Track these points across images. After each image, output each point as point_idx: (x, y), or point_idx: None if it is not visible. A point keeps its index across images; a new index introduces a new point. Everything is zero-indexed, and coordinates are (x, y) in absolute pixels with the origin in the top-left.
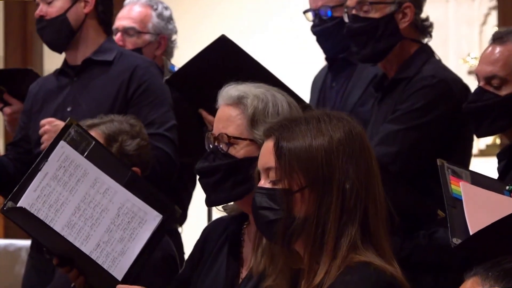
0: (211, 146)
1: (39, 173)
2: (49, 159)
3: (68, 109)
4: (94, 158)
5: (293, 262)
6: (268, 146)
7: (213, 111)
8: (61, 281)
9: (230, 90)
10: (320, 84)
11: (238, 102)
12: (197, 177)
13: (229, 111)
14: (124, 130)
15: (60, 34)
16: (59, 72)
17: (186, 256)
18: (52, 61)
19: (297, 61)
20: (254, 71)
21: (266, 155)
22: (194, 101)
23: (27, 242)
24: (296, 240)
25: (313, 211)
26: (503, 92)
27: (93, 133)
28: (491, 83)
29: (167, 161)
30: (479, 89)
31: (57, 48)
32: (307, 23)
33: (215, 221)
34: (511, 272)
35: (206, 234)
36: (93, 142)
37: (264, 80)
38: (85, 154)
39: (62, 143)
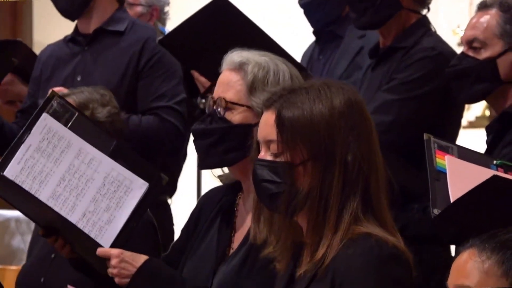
0: (209, 109)
1: (22, 145)
2: (32, 131)
3: (78, 79)
4: (78, 129)
5: (295, 235)
6: (269, 118)
7: (205, 73)
8: (40, 256)
9: (234, 56)
10: (308, 57)
11: (239, 68)
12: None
13: (230, 76)
14: (94, 98)
15: (74, 2)
16: (69, 40)
17: (175, 228)
18: (42, 32)
19: (294, 56)
20: (251, 34)
21: (267, 128)
22: (186, 63)
23: (15, 213)
24: (299, 212)
25: (316, 184)
26: (483, 56)
27: None
28: (472, 46)
29: (176, 134)
30: (461, 54)
31: (70, 16)
32: (304, 18)
33: (211, 191)
34: (507, 244)
35: (202, 204)
36: (76, 113)
37: (261, 43)
38: (69, 125)
39: (44, 115)
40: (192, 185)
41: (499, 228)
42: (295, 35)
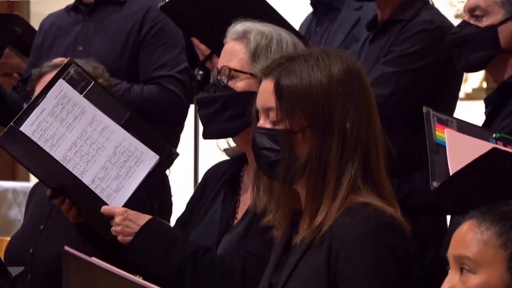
0: (213, 79)
1: (37, 108)
2: (47, 95)
3: (80, 48)
4: (93, 98)
5: (293, 202)
6: (267, 86)
7: (206, 41)
8: (28, 227)
9: (237, 26)
10: (305, 29)
11: (243, 36)
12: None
13: (234, 45)
14: (87, 70)
15: None
16: (71, 8)
17: (173, 199)
18: (39, 4)
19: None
20: (255, 4)
21: (266, 95)
22: (187, 30)
23: (13, 184)
24: (298, 180)
25: (314, 152)
26: (484, 23)
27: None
28: (474, 15)
29: (178, 103)
30: (463, 22)
31: None
32: (306, 6)
33: (217, 164)
34: (507, 215)
35: (207, 177)
36: (92, 82)
37: (264, 14)
38: (84, 93)
39: (60, 81)
40: (190, 156)
41: (499, 201)
42: (298, 23)
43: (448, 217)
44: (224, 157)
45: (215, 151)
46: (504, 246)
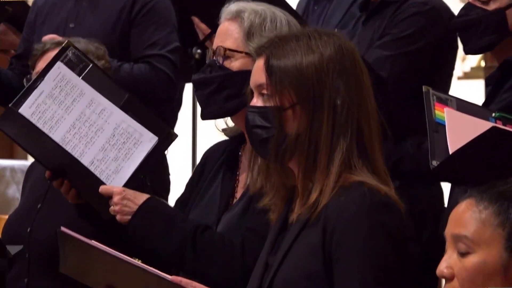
0: (209, 60)
1: (35, 90)
2: (46, 78)
3: (71, 25)
4: (91, 80)
5: (288, 180)
6: (259, 64)
7: (206, 20)
8: (26, 206)
9: (231, 6)
10: (303, 8)
11: (237, 16)
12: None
13: (228, 25)
14: (90, 50)
15: None
16: None
17: (172, 180)
18: None
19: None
20: None
21: (257, 73)
22: (188, 10)
23: (11, 162)
24: (289, 157)
25: (305, 128)
26: (492, 6)
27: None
28: None
29: (168, 82)
30: (467, 4)
31: None
32: None
33: (215, 144)
34: (505, 195)
35: (206, 157)
36: (91, 65)
37: None
38: (82, 75)
39: (59, 63)
40: (188, 133)
41: (497, 180)
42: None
43: (445, 194)
44: (223, 137)
45: (213, 131)
46: (502, 226)
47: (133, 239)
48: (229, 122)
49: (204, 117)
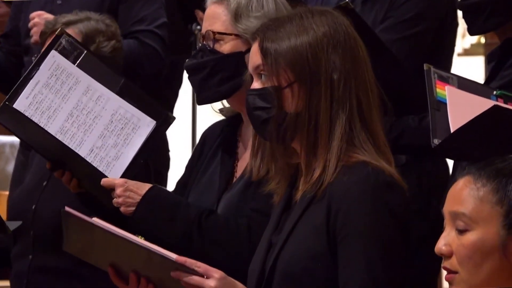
0: (200, 45)
1: (31, 81)
2: (41, 67)
3: (58, 2)
4: (86, 67)
5: (291, 158)
6: (254, 47)
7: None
8: (32, 184)
9: None
10: None
11: None
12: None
13: (215, 9)
14: (100, 30)
15: None
16: None
17: (172, 161)
18: None
19: None
20: None
21: (254, 56)
22: (191, 3)
23: (11, 138)
24: (291, 136)
25: (303, 105)
26: None
27: (70, 31)
28: None
29: (156, 58)
30: None
31: None
32: None
33: (213, 124)
34: (503, 172)
35: (204, 138)
36: (85, 51)
37: None
38: (77, 63)
39: (53, 52)
40: (188, 111)
41: (495, 157)
42: None
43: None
44: (222, 117)
45: (212, 111)
46: (500, 203)
47: (138, 230)
48: (225, 102)
49: (200, 102)
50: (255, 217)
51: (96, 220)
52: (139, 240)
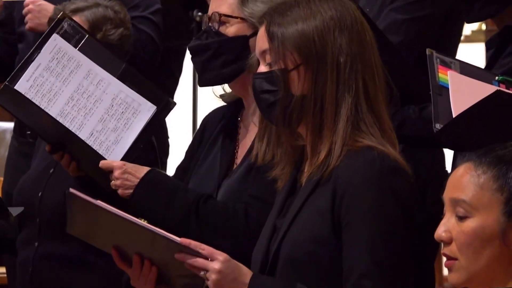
0: (205, 26)
1: (32, 63)
2: (42, 50)
3: None
4: (88, 51)
5: (297, 141)
6: (262, 31)
7: None
8: (39, 170)
9: None
10: None
11: None
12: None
13: None
14: (108, 17)
15: None
16: None
17: (173, 147)
18: None
19: None
20: None
21: (261, 40)
22: None
23: (11, 125)
24: (297, 120)
25: (309, 87)
26: None
27: (76, 18)
28: None
29: (151, 44)
30: None
31: None
32: None
33: (214, 110)
34: (504, 159)
35: (205, 123)
36: (86, 35)
37: None
38: (78, 47)
39: (54, 35)
40: (188, 98)
41: (496, 143)
42: None
43: (447, 160)
44: (223, 102)
45: (214, 97)
46: (500, 190)
47: (135, 213)
48: (226, 88)
49: (202, 83)
50: (254, 203)
51: (101, 203)
52: (144, 223)
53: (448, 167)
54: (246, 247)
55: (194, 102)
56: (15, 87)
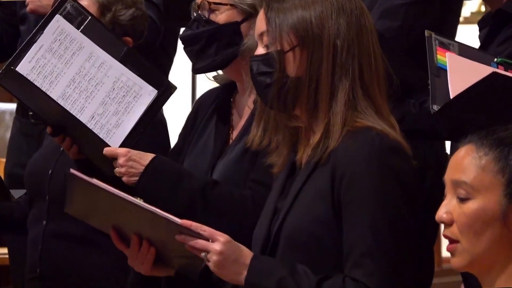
0: (195, 15)
1: (34, 44)
2: (45, 31)
3: None
4: (90, 33)
5: (293, 122)
6: (261, 14)
7: None
8: (50, 148)
9: None
10: None
11: None
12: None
13: None
14: None
15: None
16: None
17: (170, 123)
18: None
19: None
20: None
21: (259, 22)
22: None
23: (11, 106)
24: (293, 101)
25: (305, 68)
26: None
27: (85, 0)
28: None
29: (152, 26)
30: None
31: None
32: None
33: (207, 92)
34: (505, 141)
35: (198, 105)
36: (89, 17)
37: None
38: (81, 28)
39: (57, 16)
40: (187, 79)
41: (497, 125)
42: None
43: (447, 144)
44: None
45: (212, 82)
46: (502, 172)
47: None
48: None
49: (196, 72)
50: (258, 189)
51: (101, 183)
52: (141, 202)
53: (448, 149)
54: (252, 233)
55: (193, 85)
56: (16, 69)
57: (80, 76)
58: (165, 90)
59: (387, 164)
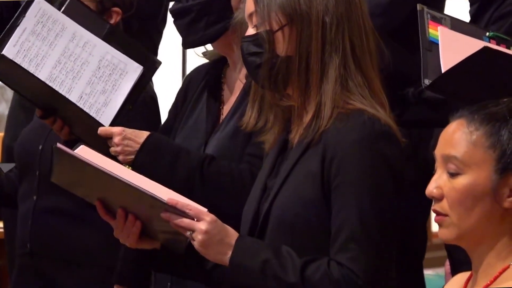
0: None
1: (18, 28)
2: (27, 14)
3: None
4: (72, 13)
5: (285, 101)
6: None
7: None
8: (40, 123)
9: None
10: None
11: None
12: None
13: None
14: None
15: None
16: None
17: (161, 99)
18: None
19: None
20: None
21: (248, 3)
22: None
23: None
24: (284, 81)
25: (294, 47)
26: None
27: None
28: None
29: None
30: None
31: None
32: None
33: (197, 68)
34: (497, 116)
35: (188, 81)
36: None
37: None
38: (62, 9)
39: None
40: (177, 54)
41: (488, 100)
42: None
43: None
44: None
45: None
46: (493, 147)
47: None
48: (208, 46)
49: (186, 46)
50: (256, 162)
51: (88, 159)
52: (132, 182)
53: None
54: None
55: (183, 61)
56: (2, 53)
57: (65, 57)
58: (151, 65)
59: (377, 149)
